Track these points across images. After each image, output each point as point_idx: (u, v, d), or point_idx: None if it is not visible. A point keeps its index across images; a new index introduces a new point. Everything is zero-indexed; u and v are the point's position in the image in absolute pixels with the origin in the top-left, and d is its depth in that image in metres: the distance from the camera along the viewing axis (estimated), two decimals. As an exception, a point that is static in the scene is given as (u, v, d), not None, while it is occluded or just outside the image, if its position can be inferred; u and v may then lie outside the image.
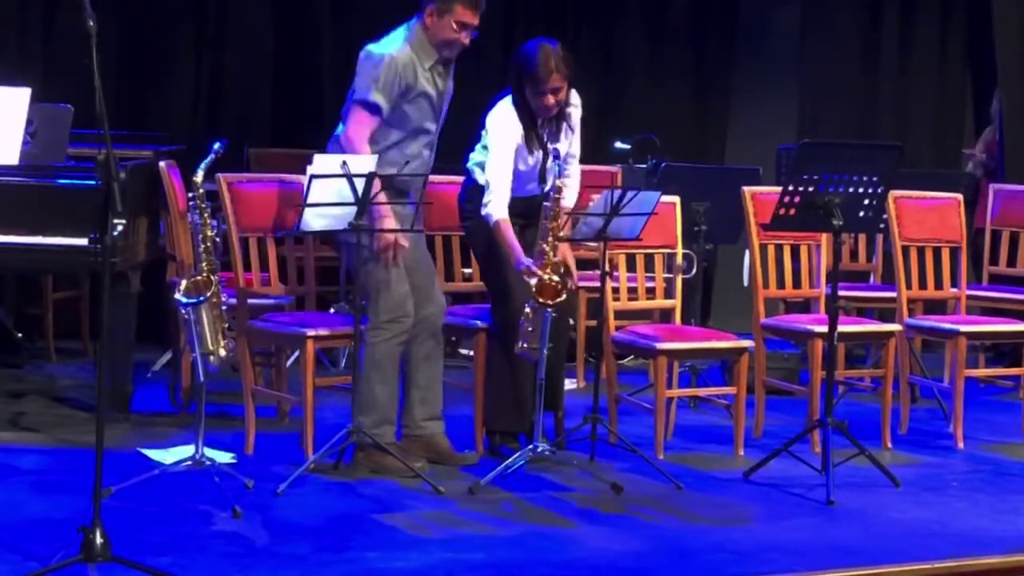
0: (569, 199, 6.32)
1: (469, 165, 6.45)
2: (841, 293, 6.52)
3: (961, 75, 10.21)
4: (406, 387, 6.29)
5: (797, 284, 7.09)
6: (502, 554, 5.10)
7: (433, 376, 6.34)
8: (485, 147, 6.38)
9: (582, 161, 6.70)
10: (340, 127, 6.20)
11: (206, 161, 5.86)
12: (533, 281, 6.03)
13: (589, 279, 7.29)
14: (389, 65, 6.06)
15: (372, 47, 6.15)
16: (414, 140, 6.21)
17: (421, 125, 6.21)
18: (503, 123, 6.36)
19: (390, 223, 6.03)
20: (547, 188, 6.25)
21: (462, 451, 6.33)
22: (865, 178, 6.19)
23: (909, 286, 7.27)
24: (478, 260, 6.59)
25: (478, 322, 6.48)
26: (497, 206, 6.24)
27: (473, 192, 6.38)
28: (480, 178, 6.34)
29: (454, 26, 6.15)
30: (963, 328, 7.02)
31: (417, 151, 6.22)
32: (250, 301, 6.50)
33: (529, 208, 6.34)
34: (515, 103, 6.36)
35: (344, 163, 5.85)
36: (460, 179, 6.63)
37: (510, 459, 6.03)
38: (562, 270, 6.09)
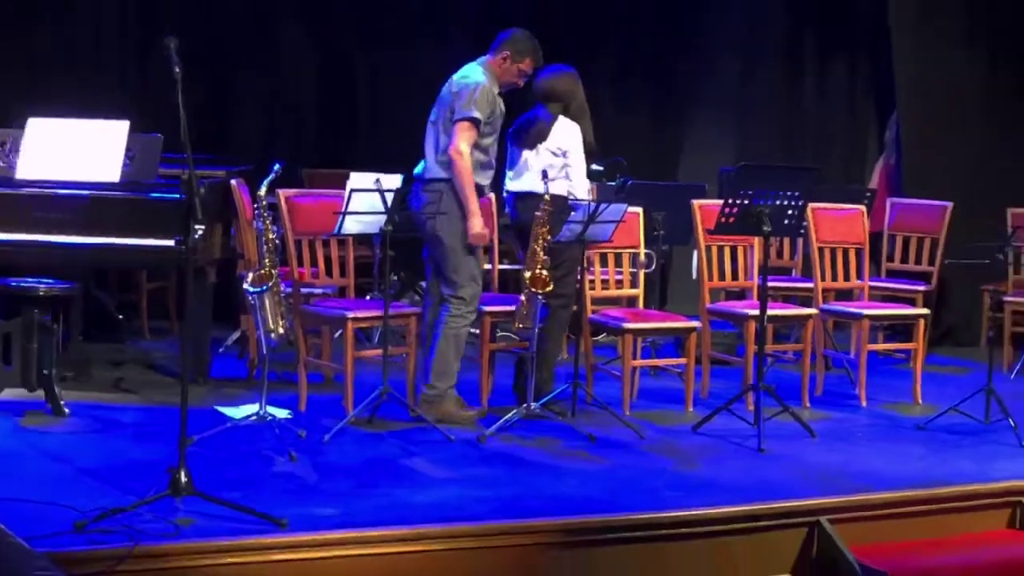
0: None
1: (517, 189, 6.43)
2: (770, 284, 6.54)
3: (865, 109, 10.20)
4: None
5: (735, 277, 7.11)
6: (502, 490, 5.11)
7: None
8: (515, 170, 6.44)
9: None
10: (429, 155, 6.18)
11: (268, 179, 5.86)
12: (527, 274, 6.05)
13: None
14: (485, 90, 6.08)
15: (462, 78, 6.11)
16: (494, 145, 6.24)
17: (496, 135, 6.23)
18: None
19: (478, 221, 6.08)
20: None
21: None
22: (789, 193, 6.21)
23: (823, 278, 7.29)
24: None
25: (483, 307, 6.48)
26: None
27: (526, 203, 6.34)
28: (530, 187, 6.33)
29: (519, 72, 6.19)
30: (866, 312, 7.04)
31: (495, 153, 6.26)
32: (303, 290, 6.52)
33: None
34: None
35: (377, 180, 5.87)
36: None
37: (509, 414, 6.04)
38: (548, 266, 6.09)
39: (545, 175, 6.12)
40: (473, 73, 6.15)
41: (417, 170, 6.25)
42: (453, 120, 6.06)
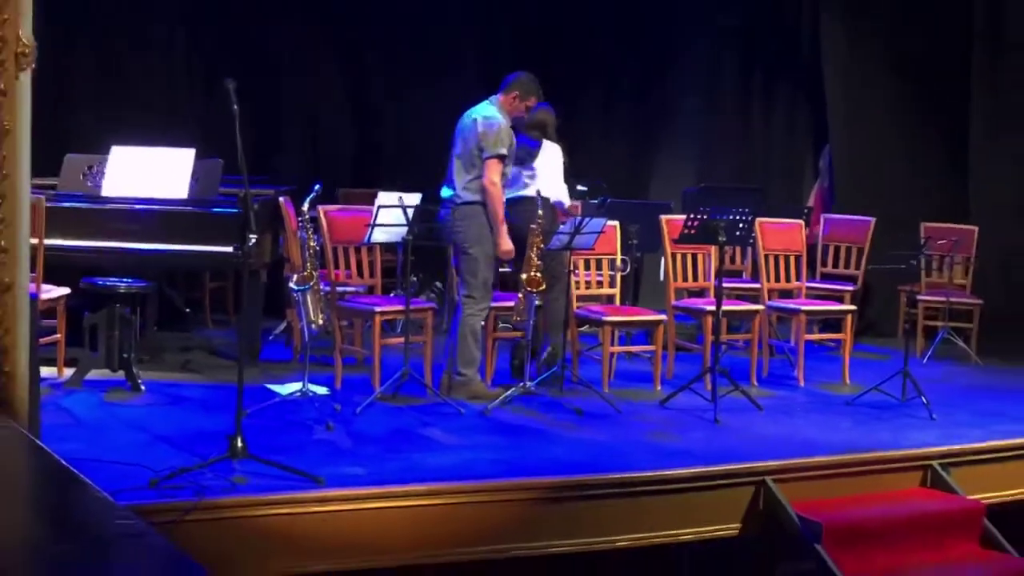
0: None
1: (512, 196, 6.39)
2: (724, 284, 6.53)
3: (803, 140, 10.17)
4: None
5: (696, 278, 7.11)
6: (504, 454, 5.11)
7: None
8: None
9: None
10: (456, 182, 6.13)
11: (309, 197, 5.87)
12: (523, 276, 6.05)
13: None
14: (505, 128, 6.11)
15: (484, 118, 6.08)
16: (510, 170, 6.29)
17: (511, 162, 6.25)
18: None
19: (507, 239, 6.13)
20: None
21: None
22: (740, 210, 6.21)
23: (768, 280, 7.28)
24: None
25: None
26: None
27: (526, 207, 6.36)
28: (522, 193, 6.39)
29: (526, 108, 6.21)
30: (803, 308, 7.04)
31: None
32: (339, 288, 6.51)
33: None
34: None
35: (400, 198, 5.86)
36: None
37: (510, 391, 6.03)
38: (542, 269, 6.10)
39: (539, 194, 6.13)
40: (491, 112, 6.14)
41: (445, 194, 6.24)
42: (484, 157, 6.06)
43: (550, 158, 6.51)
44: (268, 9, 9.34)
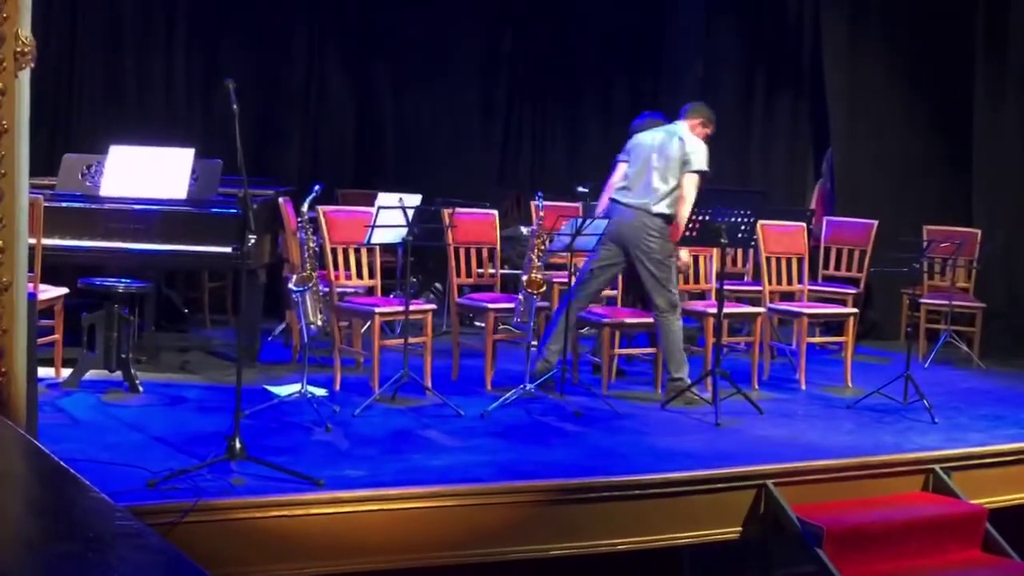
0: None
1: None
2: (725, 287, 6.52)
3: (806, 142, 10.16)
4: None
5: (697, 280, 7.11)
6: (501, 457, 5.11)
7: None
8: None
9: (560, 199, 6.67)
10: (655, 192, 6.29)
11: (309, 198, 5.86)
12: (525, 278, 6.05)
13: (560, 276, 7.29)
14: (706, 149, 6.33)
15: (690, 138, 6.36)
16: None
17: None
18: None
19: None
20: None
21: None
22: (742, 212, 6.20)
23: (770, 282, 7.28)
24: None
25: (488, 304, 6.50)
26: None
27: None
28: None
29: (706, 136, 6.50)
30: (805, 310, 7.04)
31: None
32: (338, 289, 6.51)
33: None
34: None
35: (400, 199, 5.86)
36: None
37: (508, 393, 6.03)
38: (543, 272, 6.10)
39: (540, 195, 6.13)
40: (691, 135, 6.37)
41: (632, 200, 6.33)
42: (688, 170, 6.27)
43: None
44: (271, 9, 9.35)
